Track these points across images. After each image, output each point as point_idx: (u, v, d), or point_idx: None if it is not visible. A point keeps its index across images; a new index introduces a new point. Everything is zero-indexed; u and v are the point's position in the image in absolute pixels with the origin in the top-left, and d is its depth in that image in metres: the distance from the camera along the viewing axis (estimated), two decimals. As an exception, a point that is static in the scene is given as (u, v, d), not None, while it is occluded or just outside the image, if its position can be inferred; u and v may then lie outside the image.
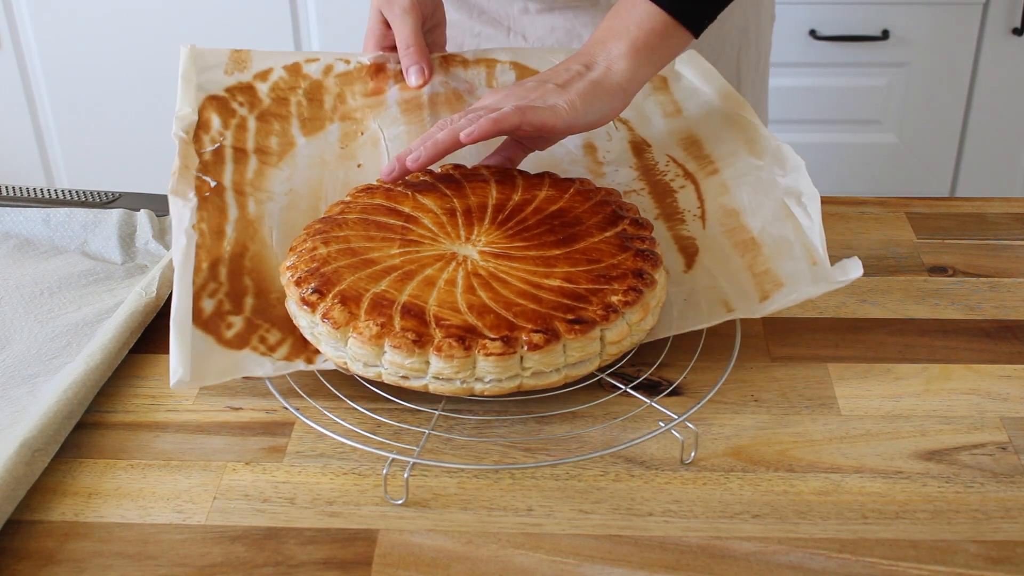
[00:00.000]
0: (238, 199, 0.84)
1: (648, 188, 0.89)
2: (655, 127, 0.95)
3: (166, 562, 0.62)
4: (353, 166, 0.90)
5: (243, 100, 0.90)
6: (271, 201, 0.85)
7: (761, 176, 0.86)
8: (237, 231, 0.81)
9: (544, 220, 0.80)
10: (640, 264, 0.75)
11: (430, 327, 0.70)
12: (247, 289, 0.78)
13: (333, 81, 0.94)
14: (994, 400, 0.74)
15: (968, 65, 1.93)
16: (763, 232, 0.82)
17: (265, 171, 0.87)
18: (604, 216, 0.80)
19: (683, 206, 0.87)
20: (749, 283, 0.79)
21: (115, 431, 0.72)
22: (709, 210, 0.86)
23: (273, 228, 0.83)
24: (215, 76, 0.91)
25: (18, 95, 2.00)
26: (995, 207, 0.99)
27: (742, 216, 0.84)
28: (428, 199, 0.83)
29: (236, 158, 0.86)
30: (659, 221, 0.87)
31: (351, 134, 0.92)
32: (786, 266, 0.79)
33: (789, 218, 0.82)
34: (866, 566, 0.61)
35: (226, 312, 0.76)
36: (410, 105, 0.94)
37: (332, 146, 0.91)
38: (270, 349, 0.74)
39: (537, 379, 0.70)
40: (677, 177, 0.90)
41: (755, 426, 0.72)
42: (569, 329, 0.70)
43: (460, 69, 0.97)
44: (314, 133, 0.91)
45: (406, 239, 0.79)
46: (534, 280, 0.74)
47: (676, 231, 0.85)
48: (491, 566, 0.62)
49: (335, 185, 0.89)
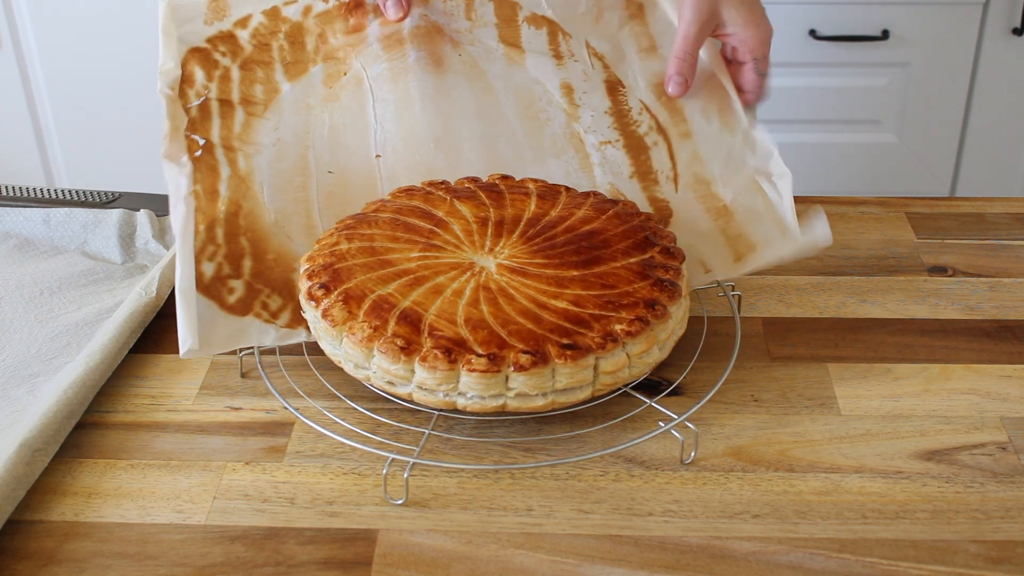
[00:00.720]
0: (228, 155, 0.84)
1: (623, 141, 0.89)
2: (629, 65, 0.93)
3: (166, 562, 0.62)
4: (338, 108, 0.90)
5: (225, 50, 0.90)
6: (259, 154, 0.85)
7: (732, 154, 0.87)
8: (230, 189, 0.81)
9: (572, 240, 0.78)
10: (656, 295, 0.73)
11: (422, 336, 0.70)
12: (244, 251, 0.79)
13: (313, 21, 0.94)
14: (994, 400, 0.74)
15: (968, 65, 1.92)
16: (735, 201, 0.83)
17: (252, 123, 0.87)
18: (634, 241, 0.78)
19: (656, 166, 0.87)
20: (723, 245, 0.80)
21: (115, 431, 0.72)
22: (682, 175, 0.86)
23: (263, 184, 0.84)
24: (195, 27, 0.90)
25: (18, 95, 2.00)
26: (995, 207, 0.99)
27: (713, 186, 0.85)
28: (465, 206, 0.82)
29: (222, 112, 0.86)
30: (634, 180, 0.86)
31: (334, 74, 0.92)
32: (758, 231, 0.81)
33: (759, 192, 0.83)
34: (866, 566, 0.61)
35: (226, 276, 0.77)
36: (391, 41, 0.93)
37: (316, 88, 0.91)
38: (272, 316, 0.76)
39: (521, 401, 0.69)
40: (650, 131, 0.89)
41: (755, 426, 0.72)
42: (560, 354, 0.68)
43: (439, 1, 0.95)
44: (298, 77, 0.91)
45: (429, 243, 0.78)
46: (541, 300, 0.73)
47: (651, 192, 0.85)
48: (491, 566, 0.62)
49: (321, 131, 0.89)
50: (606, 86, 0.92)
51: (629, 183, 0.85)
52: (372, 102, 0.90)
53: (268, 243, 0.81)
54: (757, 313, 0.84)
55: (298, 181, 0.85)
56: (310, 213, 0.84)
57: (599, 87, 0.92)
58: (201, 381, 0.77)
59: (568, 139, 0.90)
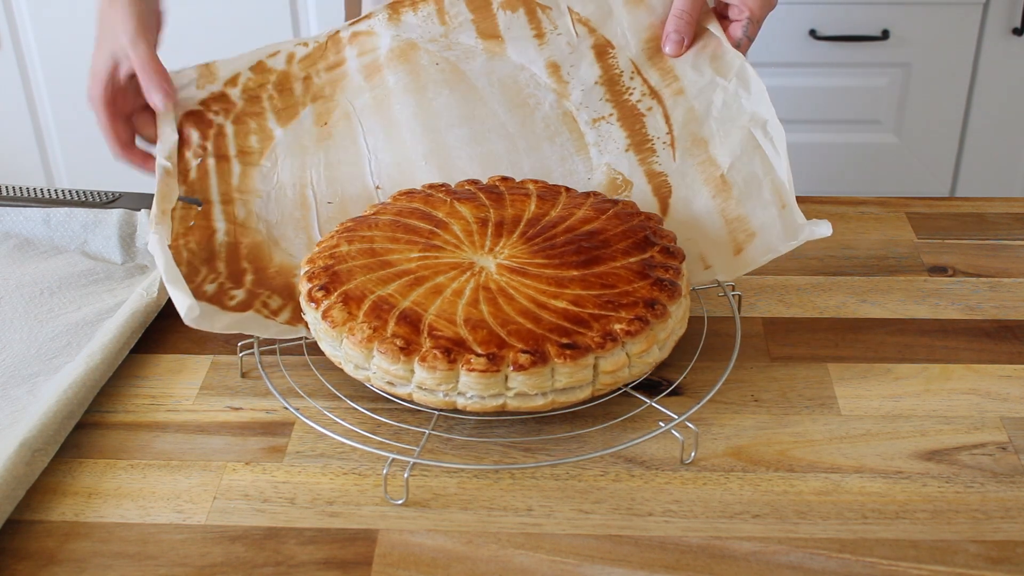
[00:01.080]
0: (225, 210, 0.85)
1: (617, 114, 0.88)
2: (617, 21, 0.92)
3: (166, 562, 0.62)
4: (332, 146, 0.91)
5: (218, 108, 0.91)
6: (259, 199, 0.86)
7: (728, 100, 0.86)
8: (228, 236, 0.83)
9: (572, 240, 0.78)
10: (655, 294, 0.73)
11: (421, 336, 0.70)
12: (245, 271, 0.81)
13: (298, 67, 0.95)
14: (994, 400, 0.74)
15: (968, 65, 1.92)
16: (732, 170, 0.82)
17: (249, 172, 0.88)
18: (634, 241, 0.78)
19: (652, 132, 0.86)
20: (722, 230, 0.79)
21: (115, 431, 0.72)
22: (679, 138, 0.85)
23: (264, 222, 0.85)
24: (189, 93, 0.92)
25: (18, 95, 2.00)
26: (995, 207, 0.99)
27: (710, 146, 0.84)
28: (464, 207, 0.82)
29: (219, 169, 0.87)
30: (630, 152, 0.85)
31: (323, 113, 0.92)
32: (757, 212, 0.80)
33: (756, 150, 0.82)
34: (866, 566, 0.61)
35: (228, 289, 0.78)
36: (370, 70, 0.94)
37: (308, 130, 0.92)
38: (273, 313, 0.77)
39: (521, 401, 0.69)
40: (644, 97, 0.88)
41: (755, 426, 0.72)
42: (559, 353, 0.68)
43: (410, 13, 0.95)
44: (289, 122, 0.91)
45: (430, 244, 0.78)
46: (540, 300, 0.73)
47: (648, 165, 0.84)
48: (491, 566, 0.62)
49: (317, 168, 0.90)
50: (594, 52, 0.91)
51: (625, 157, 0.84)
52: (363, 134, 0.91)
53: (270, 260, 0.82)
54: (757, 313, 0.84)
55: (298, 215, 0.86)
56: (311, 238, 0.85)
57: (586, 55, 0.90)
58: (201, 381, 0.77)
59: (561, 120, 0.89)
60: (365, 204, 0.87)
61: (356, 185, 0.89)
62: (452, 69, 0.91)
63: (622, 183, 0.83)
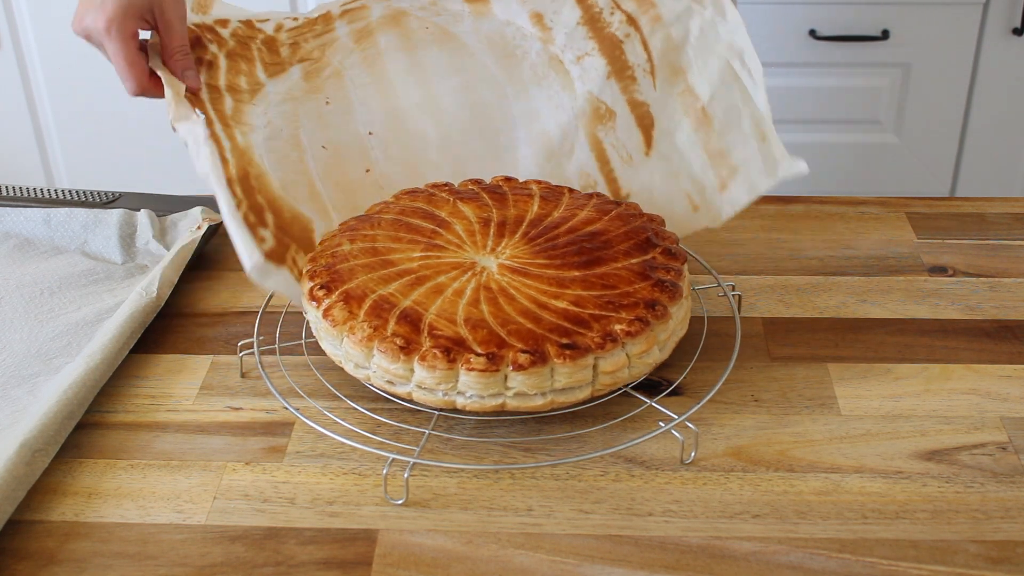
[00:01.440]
0: (225, 130, 0.84)
1: (598, 46, 0.88)
2: None
3: (166, 562, 0.62)
4: (322, 96, 0.91)
5: (211, 38, 0.90)
6: (253, 133, 0.85)
7: (704, 27, 0.85)
8: (235, 157, 0.81)
9: (574, 240, 0.79)
10: (656, 295, 0.73)
11: (422, 335, 0.70)
12: (263, 206, 0.79)
13: (285, 35, 0.94)
14: (994, 400, 0.74)
15: (968, 65, 1.92)
16: (713, 101, 0.82)
17: (241, 107, 0.87)
18: (636, 242, 0.78)
19: (632, 59, 0.86)
20: (706, 164, 0.79)
21: (115, 431, 0.72)
22: (658, 67, 0.85)
23: (263, 156, 0.84)
24: None
25: (18, 95, 2.00)
26: (995, 207, 0.99)
27: (689, 76, 0.83)
28: (467, 207, 0.82)
29: (212, 96, 0.86)
30: (612, 80, 0.85)
31: (313, 72, 0.92)
32: (738, 146, 0.80)
33: (735, 81, 0.82)
34: (866, 566, 0.61)
35: (254, 224, 0.77)
36: (361, 34, 0.93)
37: (298, 83, 0.91)
38: (301, 275, 0.77)
39: (520, 400, 0.69)
40: (622, 24, 0.88)
41: (755, 426, 0.72)
42: (559, 353, 0.68)
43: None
44: (277, 75, 0.91)
45: (432, 243, 0.78)
46: (541, 300, 0.73)
47: (630, 94, 0.84)
48: (491, 566, 0.62)
49: (309, 115, 0.89)
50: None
51: (608, 84, 0.84)
52: (353, 88, 0.91)
53: (281, 204, 0.81)
54: (757, 313, 0.84)
55: (294, 156, 0.86)
56: (312, 182, 0.85)
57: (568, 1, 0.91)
58: (201, 381, 0.77)
59: (548, 65, 0.89)
60: (359, 151, 0.87)
61: (348, 132, 0.89)
62: (441, 32, 0.92)
63: (605, 112, 0.83)
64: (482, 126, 0.90)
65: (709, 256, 0.91)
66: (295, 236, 0.80)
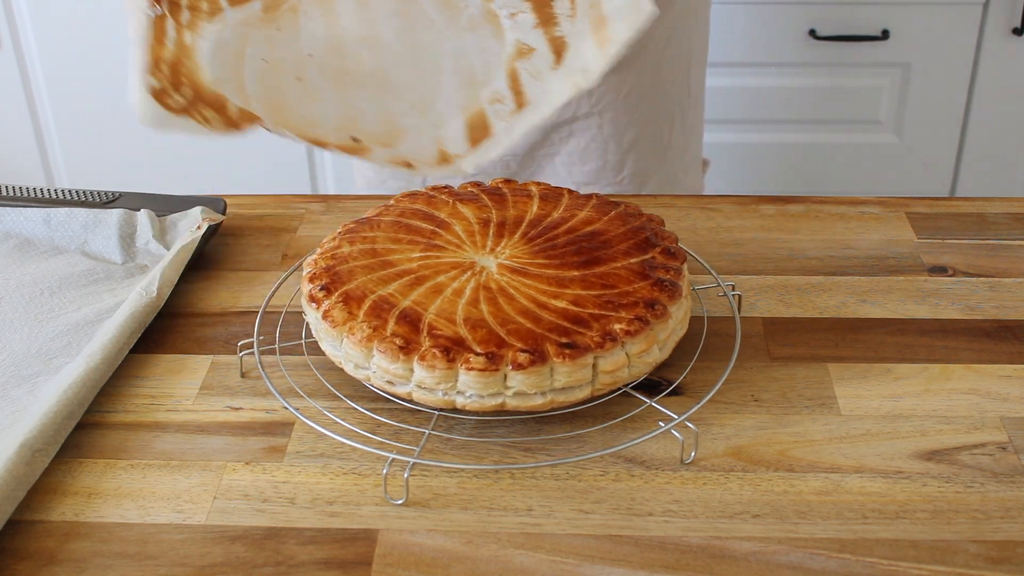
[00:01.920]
0: (176, 28, 0.87)
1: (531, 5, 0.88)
2: None
3: (166, 562, 0.62)
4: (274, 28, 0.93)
5: None
6: (203, 39, 0.88)
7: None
8: (176, 46, 0.86)
9: (573, 240, 0.79)
10: (656, 295, 0.73)
11: (421, 335, 0.70)
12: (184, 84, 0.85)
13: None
14: (994, 400, 0.74)
15: (968, 65, 1.93)
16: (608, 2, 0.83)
17: (197, 22, 0.90)
18: (636, 242, 0.78)
19: (558, 11, 0.87)
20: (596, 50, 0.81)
21: (115, 431, 0.72)
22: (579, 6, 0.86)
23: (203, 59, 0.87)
24: None
25: (18, 95, 2.00)
26: (995, 207, 0.99)
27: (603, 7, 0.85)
28: (467, 208, 0.83)
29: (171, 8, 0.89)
30: (538, 29, 0.86)
31: (272, 6, 0.95)
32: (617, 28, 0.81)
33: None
34: (866, 566, 0.61)
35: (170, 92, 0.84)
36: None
37: (255, 14, 0.94)
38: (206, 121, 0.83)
39: (520, 400, 0.69)
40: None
41: (755, 426, 0.72)
42: (559, 352, 0.68)
43: None
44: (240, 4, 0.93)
45: (431, 244, 0.79)
46: (540, 299, 0.73)
47: (551, 34, 0.86)
48: (491, 566, 0.62)
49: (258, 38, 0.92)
50: None
51: (534, 33, 0.86)
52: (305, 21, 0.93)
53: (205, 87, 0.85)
54: (757, 313, 0.84)
55: (232, 62, 0.89)
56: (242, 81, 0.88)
57: None
58: (201, 381, 0.77)
59: (484, 18, 0.91)
60: (295, 66, 0.90)
61: (291, 51, 0.91)
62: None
63: (527, 50, 0.85)
64: (414, 57, 0.93)
65: (709, 256, 0.91)
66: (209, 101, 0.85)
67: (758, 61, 1.94)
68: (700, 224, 0.95)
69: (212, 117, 0.84)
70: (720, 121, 1.96)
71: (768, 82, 1.96)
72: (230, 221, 0.97)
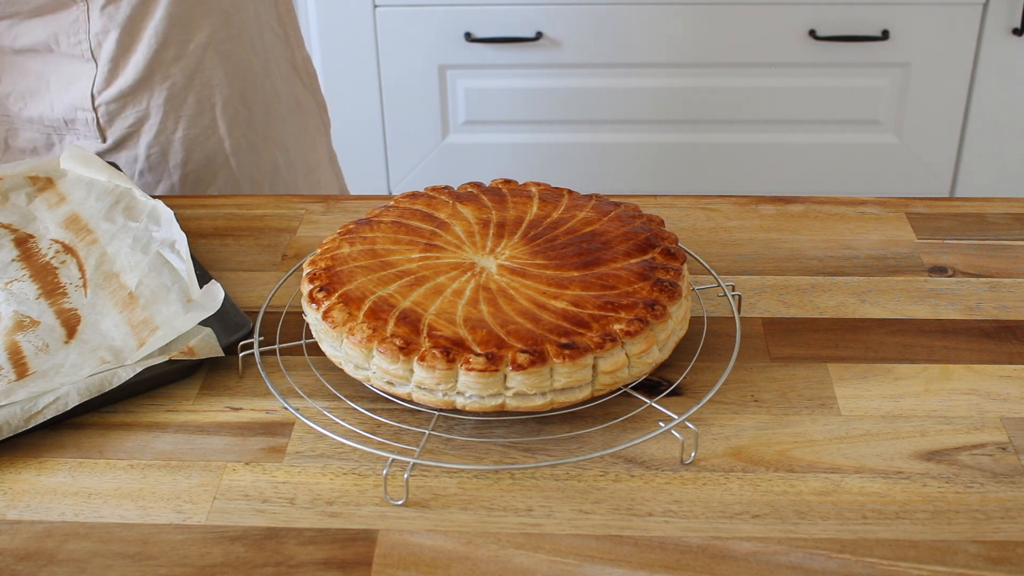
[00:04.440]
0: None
1: (29, 272, 0.87)
2: (41, 221, 0.94)
3: (166, 562, 0.62)
4: None
5: None
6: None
7: (138, 236, 0.88)
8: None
9: (573, 241, 0.79)
10: (656, 295, 0.73)
11: (421, 335, 0.70)
12: None
13: None
14: (994, 400, 0.74)
15: (968, 65, 1.93)
16: (140, 286, 0.82)
17: None
18: (636, 243, 0.78)
19: (64, 280, 0.86)
20: (129, 335, 0.78)
21: (115, 431, 0.72)
22: (91, 279, 0.85)
23: None
24: None
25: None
26: (995, 207, 0.99)
27: (121, 277, 0.84)
28: (467, 208, 0.83)
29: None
30: (41, 300, 0.83)
31: None
32: (162, 311, 0.79)
33: (165, 266, 0.84)
34: (866, 566, 0.61)
35: None
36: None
37: None
38: None
39: (520, 400, 0.69)
40: (58, 254, 0.89)
41: (755, 426, 0.72)
42: (559, 353, 0.68)
43: None
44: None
45: (431, 244, 0.79)
46: (540, 300, 0.73)
47: (59, 306, 0.83)
48: (491, 566, 0.62)
49: None
50: (14, 242, 0.91)
51: (36, 304, 0.83)
52: None
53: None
54: (757, 313, 0.84)
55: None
56: None
57: (7, 245, 0.91)
58: (201, 381, 0.77)
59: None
60: None
61: None
62: None
63: (29, 323, 0.81)
64: None
65: (709, 256, 0.91)
66: None
67: (758, 61, 1.94)
68: (700, 224, 0.95)
69: None
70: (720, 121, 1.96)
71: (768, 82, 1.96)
72: (230, 221, 0.97)
